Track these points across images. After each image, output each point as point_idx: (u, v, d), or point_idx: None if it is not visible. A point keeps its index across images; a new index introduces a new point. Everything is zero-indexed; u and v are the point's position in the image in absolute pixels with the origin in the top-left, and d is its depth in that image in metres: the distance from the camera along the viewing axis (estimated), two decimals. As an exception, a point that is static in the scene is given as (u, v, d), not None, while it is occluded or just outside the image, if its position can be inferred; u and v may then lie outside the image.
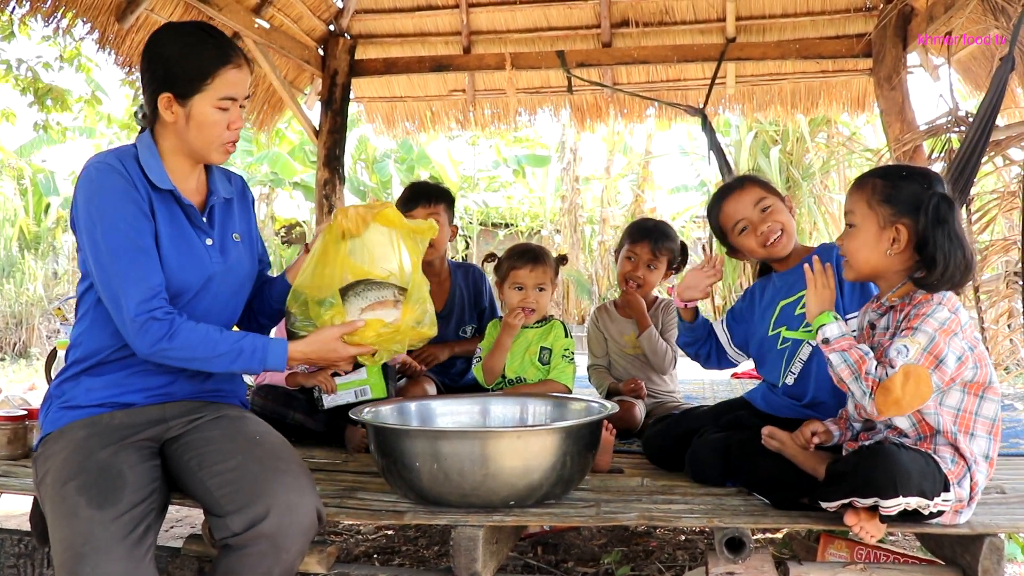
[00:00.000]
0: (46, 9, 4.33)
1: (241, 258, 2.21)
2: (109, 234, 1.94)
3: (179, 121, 2.04)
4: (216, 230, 2.16)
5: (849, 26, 5.81)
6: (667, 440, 2.63)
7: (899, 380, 1.89)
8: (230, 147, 2.11)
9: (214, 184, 2.19)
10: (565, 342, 3.05)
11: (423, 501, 2.15)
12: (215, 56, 2.02)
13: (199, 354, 1.97)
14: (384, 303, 2.14)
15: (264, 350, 2.02)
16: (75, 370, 2.07)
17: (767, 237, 2.57)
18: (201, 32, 2.07)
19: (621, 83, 6.46)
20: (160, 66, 2.04)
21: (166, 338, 1.93)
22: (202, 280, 2.09)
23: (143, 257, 1.96)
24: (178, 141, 2.07)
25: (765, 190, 2.62)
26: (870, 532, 1.92)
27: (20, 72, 7.51)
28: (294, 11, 5.68)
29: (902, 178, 2.07)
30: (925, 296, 1.99)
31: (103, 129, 12.34)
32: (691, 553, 3.14)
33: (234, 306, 2.23)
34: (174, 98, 2.02)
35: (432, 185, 3.59)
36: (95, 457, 1.91)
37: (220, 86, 2.02)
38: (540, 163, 14.97)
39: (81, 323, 2.09)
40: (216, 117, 2.04)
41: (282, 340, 2.07)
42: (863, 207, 2.07)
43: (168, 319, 1.95)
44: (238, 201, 2.27)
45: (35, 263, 13.39)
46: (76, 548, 1.75)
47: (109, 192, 1.97)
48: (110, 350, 2.05)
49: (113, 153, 2.04)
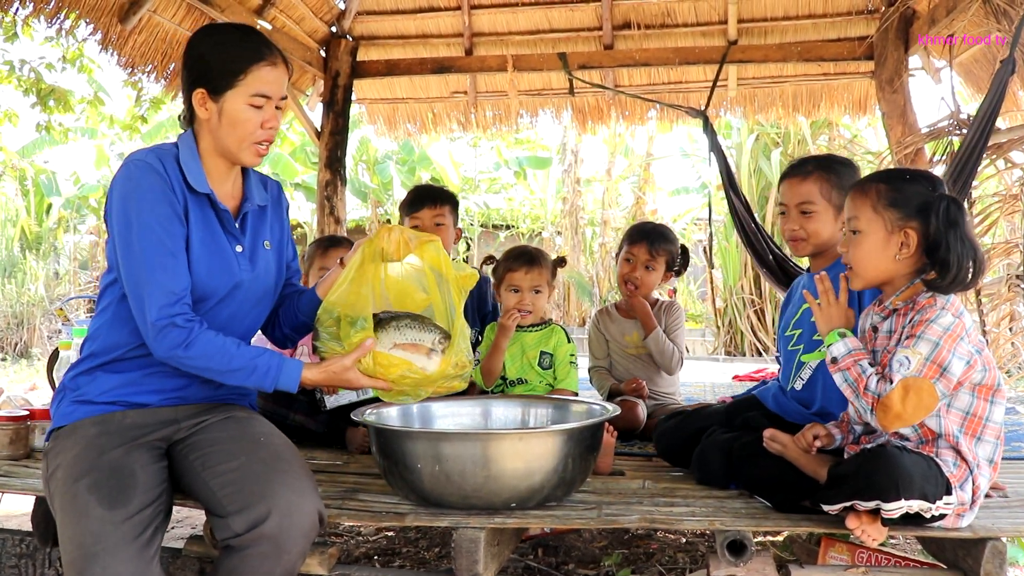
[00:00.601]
0: (49, 10, 4.33)
1: (269, 267, 2.20)
2: (141, 235, 1.94)
3: (212, 118, 2.03)
4: (247, 237, 2.15)
5: (851, 29, 5.82)
6: (678, 436, 2.64)
7: (898, 396, 1.89)
8: (262, 148, 2.08)
9: (250, 189, 2.18)
10: (569, 347, 3.06)
11: (424, 503, 2.15)
12: (249, 52, 2.02)
13: (213, 365, 1.97)
14: (419, 347, 2.10)
15: (278, 370, 2.01)
16: (91, 364, 2.06)
17: (790, 234, 2.59)
18: (237, 31, 2.08)
19: (622, 85, 6.47)
20: (196, 62, 2.04)
21: (182, 346, 1.93)
22: (229, 287, 2.08)
23: (172, 261, 1.96)
24: (213, 140, 2.06)
25: (820, 191, 2.54)
26: (872, 535, 1.93)
27: (23, 73, 7.51)
28: (296, 12, 5.68)
29: (906, 181, 2.05)
30: (928, 300, 1.98)
31: (105, 130, 12.34)
32: (692, 556, 3.14)
33: (257, 314, 2.22)
34: (207, 94, 2.02)
35: (436, 187, 3.62)
36: (107, 456, 1.91)
37: (253, 82, 2.01)
38: (541, 165, 14.96)
39: (102, 315, 2.07)
40: (248, 115, 2.02)
41: (297, 362, 2.05)
42: (868, 212, 2.04)
43: (188, 327, 1.94)
44: (272, 208, 2.26)
45: (37, 263, 13.41)
46: (87, 547, 1.75)
47: (146, 192, 1.96)
48: (128, 347, 2.04)
49: (154, 152, 2.02)
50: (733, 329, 9.66)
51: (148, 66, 5.08)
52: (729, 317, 9.65)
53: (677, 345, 3.31)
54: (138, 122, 8.88)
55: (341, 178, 6.07)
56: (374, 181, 14.83)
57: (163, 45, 5.08)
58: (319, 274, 3.06)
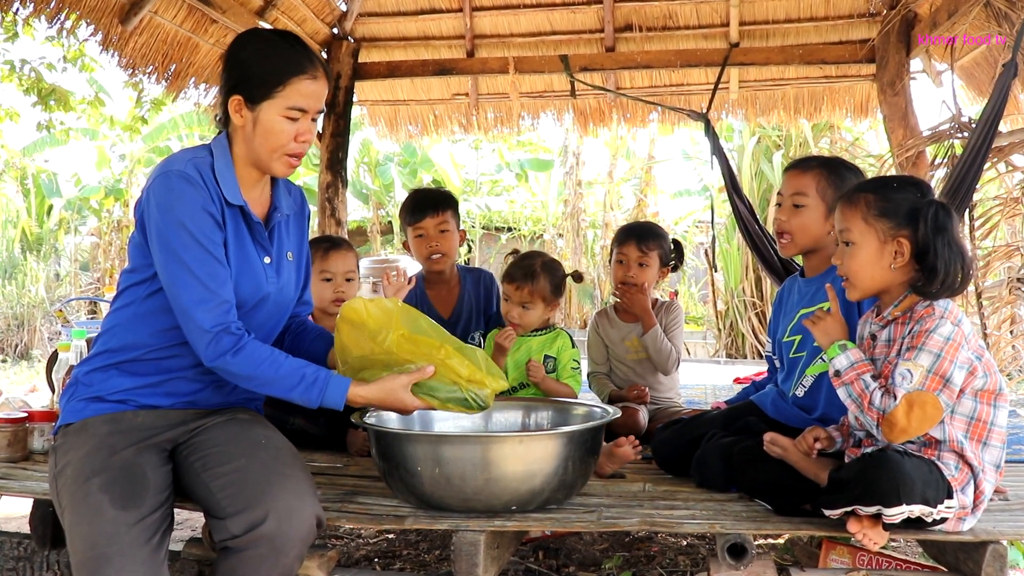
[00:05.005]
0: (50, 11, 4.32)
1: (290, 278, 2.19)
2: (187, 246, 1.93)
3: (247, 125, 2.02)
4: (274, 248, 2.14)
5: (852, 32, 5.81)
6: (676, 446, 2.61)
7: (902, 411, 1.89)
8: (294, 160, 2.06)
9: (278, 199, 2.17)
10: (572, 352, 3.05)
11: (424, 505, 2.15)
12: (291, 64, 2.00)
13: (261, 372, 1.95)
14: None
15: (325, 383, 1.97)
16: (105, 361, 2.05)
17: (777, 226, 2.60)
18: (281, 40, 2.05)
19: (624, 87, 6.47)
20: (236, 68, 2.03)
21: (232, 351, 1.92)
22: (257, 299, 2.08)
23: (219, 269, 1.96)
24: (246, 147, 2.05)
25: (816, 186, 2.51)
26: (873, 539, 1.92)
27: (24, 72, 7.52)
28: (297, 14, 5.68)
29: (894, 189, 2.04)
30: (927, 310, 1.97)
31: (106, 131, 12.35)
32: (693, 559, 3.13)
33: (272, 327, 2.21)
34: (244, 101, 2.01)
35: (436, 192, 3.54)
36: (119, 455, 1.91)
37: (291, 95, 1.99)
38: (543, 167, 14.95)
39: (119, 313, 2.06)
40: (283, 126, 2.01)
41: (345, 378, 2.01)
42: (859, 224, 2.04)
43: (240, 333, 1.94)
44: (295, 217, 2.25)
45: (37, 265, 13.41)
46: (100, 548, 1.75)
47: (189, 203, 1.94)
48: (148, 349, 2.03)
49: (191, 161, 2.00)
50: (734, 331, 9.65)
51: (149, 67, 5.07)
52: (730, 319, 9.64)
53: (675, 345, 3.29)
54: (139, 123, 8.89)
55: (342, 180, 6.07)
56: (375, 183, 14.84)
57: (164, 46, 5.07)
58: (319, 277, 3.04)
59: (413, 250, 3.40)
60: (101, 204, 14.18)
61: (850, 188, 2.16)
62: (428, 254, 3.33)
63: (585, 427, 2.20)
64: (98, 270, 13.74)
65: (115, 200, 13.85)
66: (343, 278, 3.07)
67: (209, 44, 5.25)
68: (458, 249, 3.45)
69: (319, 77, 2.03)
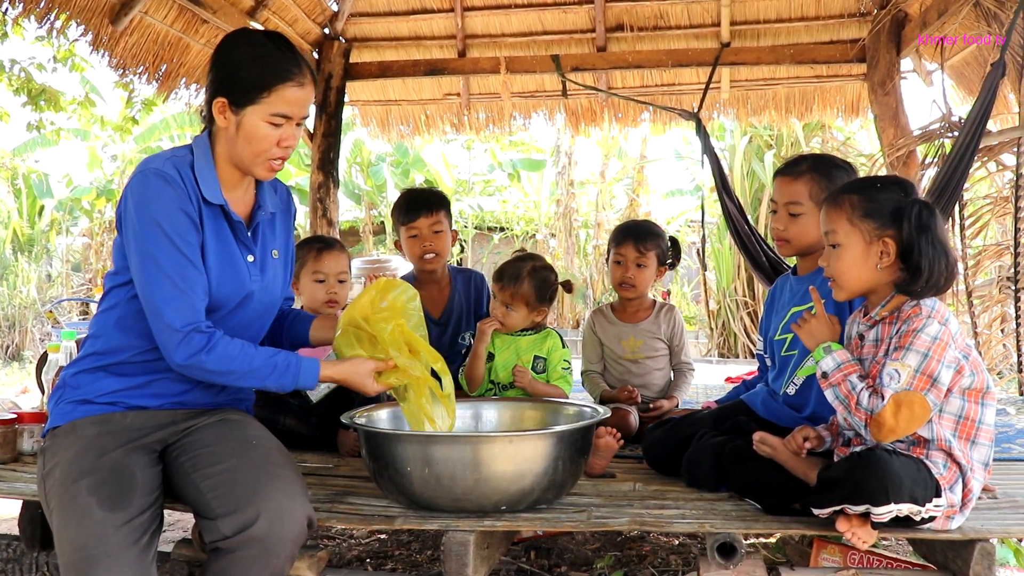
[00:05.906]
0: (39, 10, 4.31)
1: (276, 276, 2.20)
2: (160, 245, 1.93)
3: (230, 128, 2.02)
4: (258, 246, 2.14)
5: (843, 31, 5.83)
6: (667, 445, 2.61)
7: (890, 411, 1.90)
8: (276, 164, 2.07)
9: (262, 198, 2.17)
10: (563, 353, 3.05)
11: (414, 505, 2.15)
12: (277, 70, 1.99)
13: (235, 367, 1.96)
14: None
15: (297, 367, 2.02)
16: (93, 363, 2.05)
17: (775, 234, 2.60)
18: (271, 44, 2.03)
19: (616, 87, 6.48)
20: (222, 70, 2.02)
21: (204, 351, 1.92)
22: (240, 297, 2.08)
23: (192, 270, 1.96)
24: (228, 149, 2.05)
25: (809, 194, 2.50)
26: (862, 538, 1.93)
27: (14, 72, 7.48)
28: (288, 14, 5.67)
29: (878, 190, 2.05)
30: (914, 310, 1.98)
31: (97, 132, 12.30)
32: (684, 558, 3.13)
33: (260, 326, 2.22)
34: (228, 104, 2.00)
35: (429, 192, 3.53)
36: (107, 457, 1.90)
37: (276, 102, 1.99)
38: (535, 167, 14.95)
39: (106, 316, 2.06)
40: (266, 132, 2.01)
41: (314, 359, 2.06)
42: (844, 225, 2.05)
43: (210, 332, 1.95)
44: (281, 215, 2.25)
45: (28, 266, 13.35)
46: (88, 550, 1.75)
47: (165, 202, 1.94)
48: (135, 351, 2.03)
49: (171, 160, 2.00)
50: (726, 331, 9.66)
51: (139, 67, 5.06)
52: (722, 319, 9.65)
53: (686, 352, 3.35)
54: (130, 124, 8.86)
55: (334, 180, 6.06)
56: (368, 183, 14.82)
57: (154, 46, 5.06)
58: (312, 278, 3.03)
59: (406, 250, 3.40)
60: (92, 205, 14.15)
61: (834, 190, 2.16)
62: (421, 254, 3.32)
63: (575, 427, 2.20)
64: (90, 271, 13.71)
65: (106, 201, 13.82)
66: (336, 279, 3.07)
67: (200, 44, 5.24)
68: (450, 249, 3.44)
69: (305, 84, 2.03)
